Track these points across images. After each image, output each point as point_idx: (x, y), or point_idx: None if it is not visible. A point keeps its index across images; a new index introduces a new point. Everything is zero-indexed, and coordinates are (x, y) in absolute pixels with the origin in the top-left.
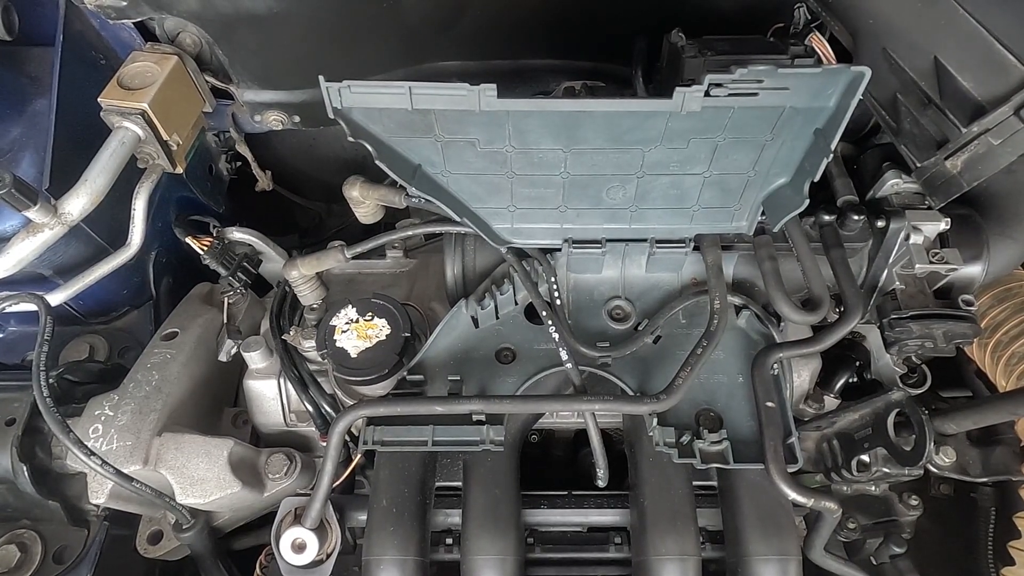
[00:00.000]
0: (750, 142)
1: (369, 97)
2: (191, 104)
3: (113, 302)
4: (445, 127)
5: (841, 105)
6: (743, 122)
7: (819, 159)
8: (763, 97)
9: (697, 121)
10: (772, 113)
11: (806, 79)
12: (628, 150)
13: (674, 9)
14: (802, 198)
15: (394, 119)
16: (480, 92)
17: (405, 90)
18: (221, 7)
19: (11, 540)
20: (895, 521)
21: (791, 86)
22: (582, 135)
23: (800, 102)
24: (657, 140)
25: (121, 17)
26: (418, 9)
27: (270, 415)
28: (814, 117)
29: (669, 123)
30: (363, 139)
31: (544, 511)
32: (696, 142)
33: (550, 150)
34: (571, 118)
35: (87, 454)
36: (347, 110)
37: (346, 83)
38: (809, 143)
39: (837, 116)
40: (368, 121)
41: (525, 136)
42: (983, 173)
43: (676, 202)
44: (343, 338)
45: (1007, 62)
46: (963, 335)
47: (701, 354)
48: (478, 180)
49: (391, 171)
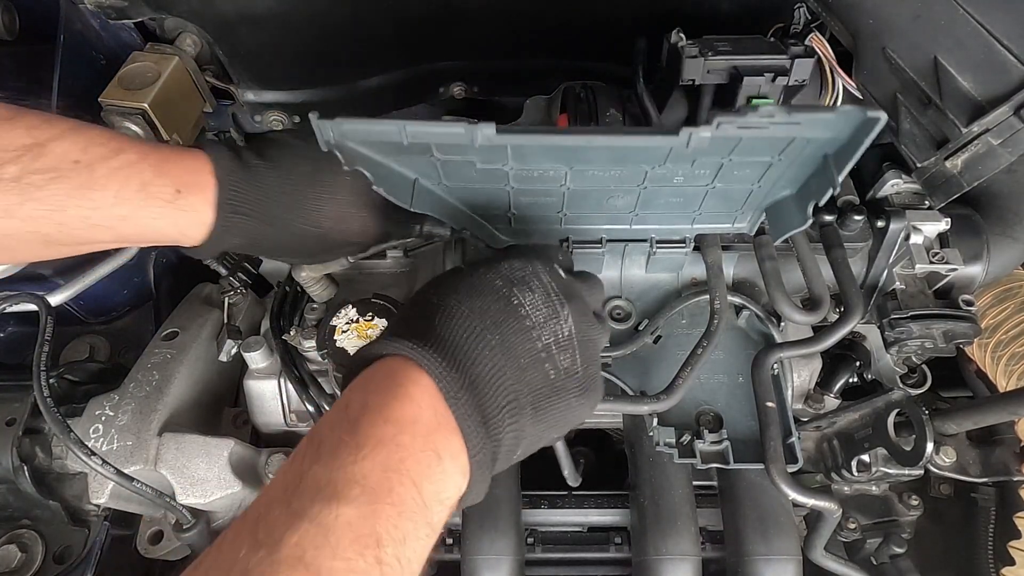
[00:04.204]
0: (757, 162)
1: (361, 133)
2: (191, 104)
3: (113, 302)
4: (443, 149)
5: (853, 140)
6: (750, 146)
7: (825, 188)
8: (773, 130)
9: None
10: (781, 141)
11: (818, 120)
12: (632, 167)
13: (674, 9)
14: (804, 218)
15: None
16: (477, 131)
17: (399, 127)
18: (221, 7)
19: (12, 540)
20: (895, 521)
21: (802, 123)
22: (585, 157)
23: (811, 134)
24: (661, 161)
25: (121, 17)
26: (418, 9)
27: (270, 415)
28: (825, 144)
29: (674, 150)
30: (360, 166)
31: (544, 511)
32: (701, 161)
33: (551, 167)
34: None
35: (88, 454)
36: (340, 142)
37: (337, 120)
38: (818, 164)
39: (849, 148)
40: (363, 147)
41: (525, 159)
42: (983, 173)
43: (679, 208)
44: (343, 338)
45: (1007, 62)
46: (963, 335)
47: (701, 354)
48: (477, 192)
49: (390, 195)
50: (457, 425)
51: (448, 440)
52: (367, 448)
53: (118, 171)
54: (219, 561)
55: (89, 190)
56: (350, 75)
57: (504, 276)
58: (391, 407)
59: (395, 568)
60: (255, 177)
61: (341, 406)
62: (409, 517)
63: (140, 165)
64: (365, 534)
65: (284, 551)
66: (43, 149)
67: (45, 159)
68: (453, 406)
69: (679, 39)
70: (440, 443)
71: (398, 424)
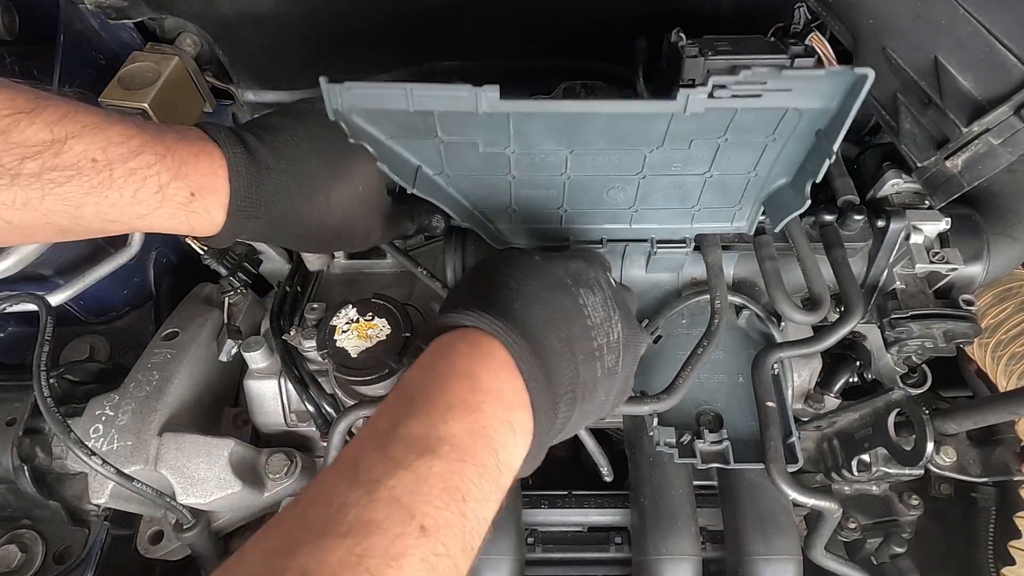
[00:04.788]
0: (752, 143)
1: (368, 98)
2: (191, 104)
3: (114, 302)
4: (447, 128)
5: (844, 107)
6: (745, 124)
7: (821, 160)
8: (766, 98)
9: (700, 123)
10: (774, 115)
11: (809, 81)
12: (630, 151)
13: (674, 9)
14: (803, 199)
15: (395, 120)
16: (481, 93)
17: (405, 91)
18: (221, 7)
19: (12, 540)
20: (895, 521)
21: (794, 87)
22: (584, 137)
23: (803, 103)
24: (659, 142)
25: (121, 17)
26: (418, 9)
27: (270, 415)
28: (817, 119)
29: (672, 125)
30: (363, 140)
31: (544, 511)
32: (698, 143)
33: (552, 152)
34: (574, 120)
35: (88, 454)
36: (347, 112)
37: (346, 84)
38: (811, 144)
39: (839, 118)
40: (368, 123)
41: (527, 138)
42: (983, 173)
43: (677, 202)
44: (343, 338)
45: (1007, 62)
46: (963, 335)
47: (701, 354)
48: (479, 182)
49: (392, 172)
50: (531, 405)
51: (521, 416)
52: (457, 410)
53: (136, 172)
54: (319, 496)
55: (107, 189)
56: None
57: (572, 275)
58: (478, 377)
59: (474, 523)
60: (268, 180)
61: (427, 365)
62: (488, 479)
63: (158, 167)
64: (452, 487)
65: (382, 492)
66: (63, 146)
67: (65, 156)
68: (532, 389)
69: (679, 39)
70: (515, 417)
71: (484, 393)
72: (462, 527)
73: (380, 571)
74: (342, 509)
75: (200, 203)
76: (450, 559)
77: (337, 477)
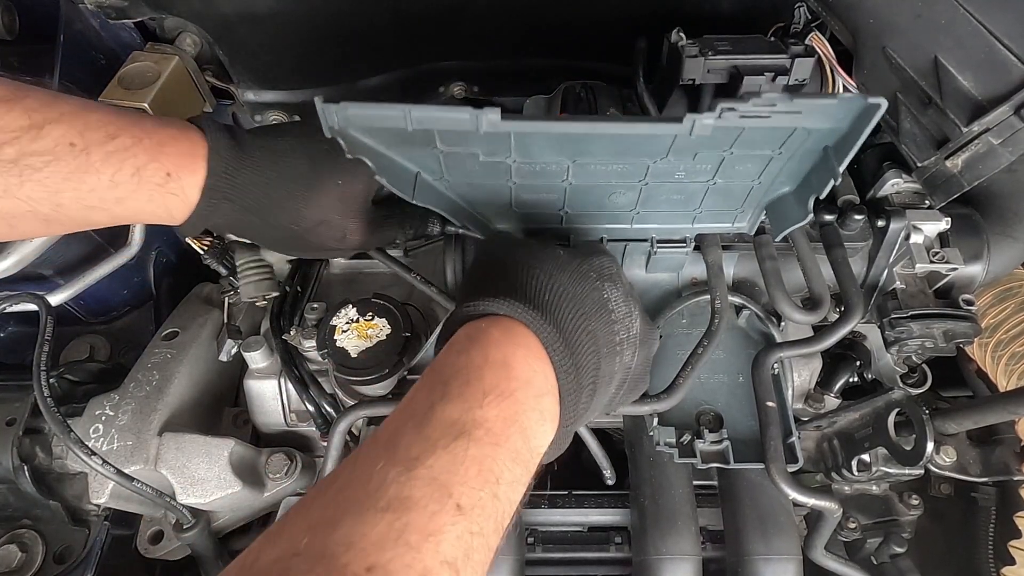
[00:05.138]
0: (757, 156)
1: (366, 118)
2: (191, 104)
3: (113, 302)
4: (447, 140)
5: (854, 128)
6: (752, 139)
7: (826, 179)
8: (774, 119)
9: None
10: (783, 132)
11: (820, 107)
12: (634, 161)
13: (674, 9)
14: (805, 212)
15: (393, 133)
16: (482, 116)
17: (403, 112)
18: (221, 7)
19: (12, 540)
20: (895, 521)
21: (804, 110)
22: (587, 150)
23: (812, 124)
24: (663, 154)
25: (121, 17)
26: (418, 8)
27: (270, 415)
28: (826, 136)
29: (676, 140)
30: (361, 154)
31: (544, 511)
32: (703, 155)
33: (554, 161)
34: (576, 136)
35: (88, 454)
36: (343, 129)
37: (342, 104)
38: (818, 158)
39: (850, 138)
40: (366, 136)
41: (528, 150)
42: (983, 172)
43: (679, 206)
44: (343, 338)
45: (1008, 61)
46: (963, 335)
47: (702, 354)
48: (479, 187)
49: (391, 186)
50: (560, 396)
51: (550, 404)
52: (491, 396)
53: (113, 155)
54: (356, 472)
55: (85, 174)
56: (350, 75)
57: (597, 270)
58: (513, 365)
59: (505, 504)
60: (246, 166)
61: (458, 350)
62: (519, 463)
63: (135, 149)
64: (487, 470)
65: (420, 470)
66: (40, 132)
67: (42, 142)
68: (562, 381)
69: (679, 39)
70: (545, 405)
71: (517, 381)
72: (495, 508)
73: (419, 545)
74: (381, 485)
75: (176, 183)
76: (483, 538)
77: (375, 454)
